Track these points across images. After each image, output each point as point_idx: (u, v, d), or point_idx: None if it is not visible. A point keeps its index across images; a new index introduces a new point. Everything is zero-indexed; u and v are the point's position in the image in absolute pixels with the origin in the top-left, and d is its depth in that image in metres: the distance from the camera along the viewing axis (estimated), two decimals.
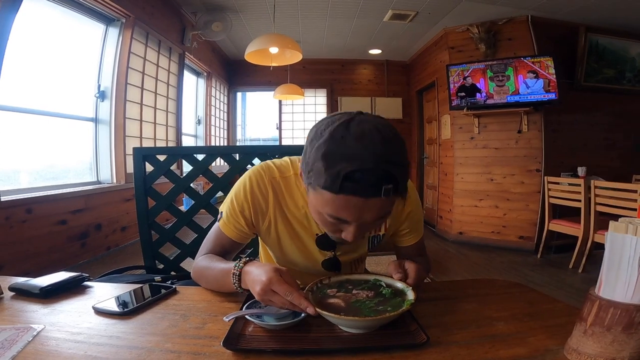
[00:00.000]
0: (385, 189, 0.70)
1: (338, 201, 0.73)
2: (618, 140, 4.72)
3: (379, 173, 0.70)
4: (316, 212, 0.82)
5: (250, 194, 0.95)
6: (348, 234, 0.79)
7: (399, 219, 1.04)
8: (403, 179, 0.74)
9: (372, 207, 0.73)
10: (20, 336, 0.67)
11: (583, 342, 0.59)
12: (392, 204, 0.78)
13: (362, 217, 0.75)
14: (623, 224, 0.55)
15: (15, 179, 2.88)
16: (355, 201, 0.72)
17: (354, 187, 0.70)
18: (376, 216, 0.76)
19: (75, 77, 3.47)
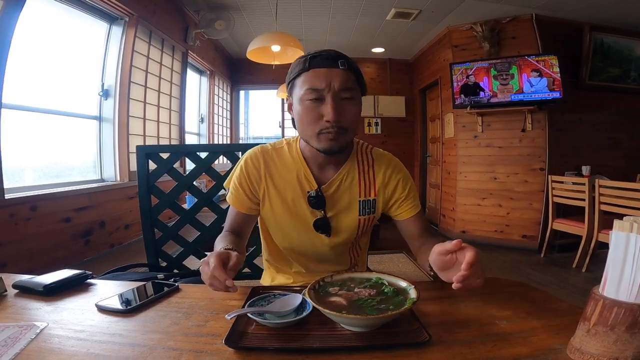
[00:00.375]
0: (340, 62, 0.98)
1: (311, 75, 0.98)
2: (623, 140, 4.69)
3: (333, 53, 1.00)
4: (301, 105, 1.00)
5: (245, 168, 1.11)
6: (328, 110, 0.96)
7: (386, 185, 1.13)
8: (354, 63, 1.02)
9: (336, 75, 0.97)
10: (23, 334, 0.67)
11: (586, 341, 0.59)
12: (351, 79, 0.99)
13: (330, 82, 0.96)
14: (627, 223, 0.55)
15: (20, 177, 2.90)
16: (322, 71, 0.97)
17: (318, 62, 0.98)
18: (341, 83, 0.97)
19: (79, 75, 3.48)
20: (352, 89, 0.99)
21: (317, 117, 0.98)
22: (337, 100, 0.97)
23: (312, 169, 1.10)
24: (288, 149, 1.13)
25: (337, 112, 0.96)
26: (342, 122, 0.97)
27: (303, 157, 1.11)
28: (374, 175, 1.13)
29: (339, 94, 0.97)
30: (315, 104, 0.97)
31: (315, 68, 0.98)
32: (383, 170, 1.13)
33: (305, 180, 1.09)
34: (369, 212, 1.13)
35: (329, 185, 1.10)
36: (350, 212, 1.12)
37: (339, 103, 0.97)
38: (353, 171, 1.12)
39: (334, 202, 1.10)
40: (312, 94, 0.97)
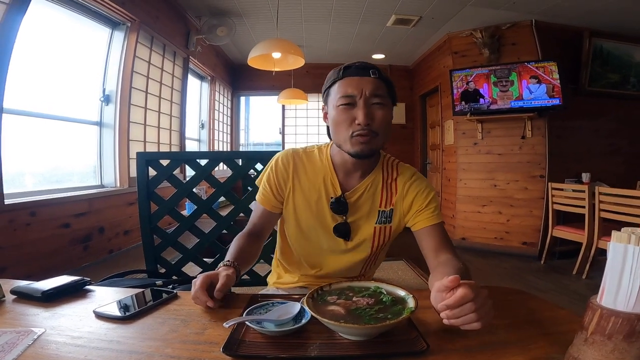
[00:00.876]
0: (372, 71, 1.05)
1: (344, 83, 1.05)
2: (623, 146, 4.69)
3: (365, 64, 1.07)
4: (335, 111, 1.06)
5: (275, 167, 1.17)
6: (359, 114, 1.02)
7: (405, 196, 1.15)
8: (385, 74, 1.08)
9: (367, 83, 1.03)
10: (20, 339, 0.67)
11: (584, 350, 0.58)
12: (382, 87, 1.05)
13: (362, 89, 1.03)
14: (625, 234, 0.55)
15: (19, 182, 2.90)
16: (354, 79, 1.04)
17: (351, 72, 1.06)
18: (372, 90, 1.03)
19: (81, 80, 3.49)
20: (382, 96, 1.05)
21: (350, 121, 1.04)
22: (368, 105, 1.03)
23: (339, 176, 1.15)
24: (318, 153, 1.20)
25: (368, 116, 1.02)
26: (372, 126, 1.03)
27: (332, 163, 1.16)
28: (395, 187, 1.16)
29: (370, 99, 1.03)
30: (348, 109, 1.04)
31: (348, 77, 1.05)
32: (404, 182, 1.16)
33: (331, 185, 1.15)
34: (385, 221, 1.15)
35: (352, 192, 1.14)
36: (368, 220, 1.15)
37: (370, 108, 1.03)
38: (377, 181, 1.16)
39: (356, 209, 1.14)
40: (345, 99, 1.04)
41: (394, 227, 1.16)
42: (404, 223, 1.17)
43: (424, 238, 1.12)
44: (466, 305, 0.67)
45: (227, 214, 1.66)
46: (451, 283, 0.69)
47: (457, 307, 0.67)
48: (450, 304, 0.67)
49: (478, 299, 0.67)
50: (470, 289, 0.67)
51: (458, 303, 0.67)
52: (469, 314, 0.67)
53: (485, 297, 0.69)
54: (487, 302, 0.69)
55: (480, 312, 0.67)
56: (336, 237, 1.15)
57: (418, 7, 4.35)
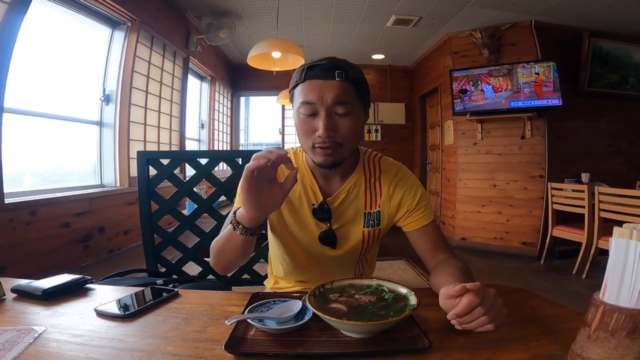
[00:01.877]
0: (337, 73, 0.92)
1: (305, 87, 0.94)
2: (623, 146, 4.69)
3: (332, 63, 0.94)
4: (296, 117, 0.98)
5: None
6: (320, 127, 0.92)
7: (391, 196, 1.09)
8: (354, 73, 0.95)
9: (330, 88, 0.92)
10: (21, 338, 0.67)
11: (587, 347, 0.59)
12: (348, 91, 0.94)
13: (323, 96, 0.92)
14: (627, 230, 0.55)
15: (19, 182, 2.90)
16: (316, 83, 0.93)
17: (314, 74, 0.93)
18: (335, 97, 0.92)
19: (81, 80, 3.49)
20: (348, 102, 0.94)
21: (311, 131, 0.95)
22: (330, 115, 0.93)
23: (319, 181, 1.08)
24: (294, 158, 1.11)
25: (329, 128, 0.92)
26: (335, 137, 0.94)
27: (309, 167, 1.09)
28: (380, 187, 1.09)
29: (332, 108, 0.93)
30: (309, 118, 0.95)
31: (310, 79, 0.94)
32: (389, 181, 1.09)
33: (312, 191, 1.07)
34: (374, 224, 1.09)
35: (335, 197, 1.07)
36: (355, 224, 1.09)
37: (331, 118, 0.93)
38: (360, 182, 1.09)
39: (340, 214, 1.08)
40: (305, 108, 0.94)
41: (382, 228, 1.11)
42: (392, 223, 1.12)
43: (419, 239, 1.08)
44: (475, 310, 0.66)
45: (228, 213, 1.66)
46: (457, 293, 0.67)
47: (465, 314, 0.66)
48: (458, 312, 0.66)
49: (486, 301, 0.66)
50: (476, 294, 0.66)
51: (466, 310, 0.66)
52: (479, 318, 0.66)
53: (493, 298, 0.68)
54: (496, 302, 0.68)
55: (491, 314, 0.66)
56: (322, 246, 1.09)
57: (418, 7, 4.35)
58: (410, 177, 1.12)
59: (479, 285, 0.67)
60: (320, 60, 0.96)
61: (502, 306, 0.69)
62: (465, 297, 0.66)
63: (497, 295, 0.69)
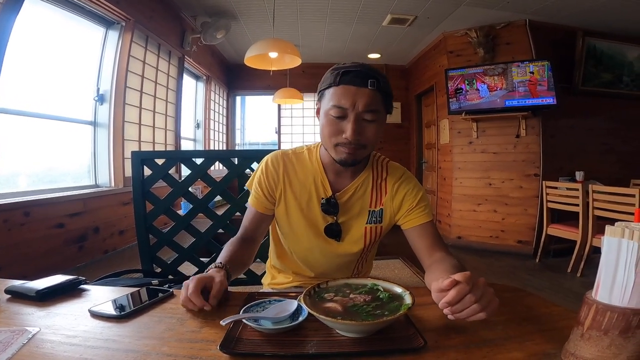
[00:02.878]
0: (370, 82, 0.98)
1: (339, 91, 0.99)
2: (616, 145, 4.73)
3: (365, 72, 0.99)
4: (325, 117, 1.03)
5: (265, 169, 1.16)
6: (348, 129, 0.98)
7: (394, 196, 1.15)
8: (384, 83, 1.01)
9: (363, 96, 0.97)
10: (15, 338, 0.67)
11: (580, 346, 0.59)
12: (377, 100, 1.00)
13: (355, 103, 0.97)
14: (619, 229, 0.55)
15: (13, 182, 2.88)
16: (350, 89, 0.98)
17: (349, 79, 0.98)
18: (366, 105, 0.98)
19: (75, 80, 3.47)
20: (376, 111, 1.00)
21: (338, 132, 1.01)
22: (359, 120, 0.99)
23: (329, 176, 1.15)
24: (308, 154, 1.18)
25: (357, 132, 0.99)
26: (361, 140, 1.01)
27: (322, 163, 1.15)
28: (385, 187, 1.16)
29: (362, 114, 0.99)
30: (338, 120, 1.00)
31: (344, 85, 0.99)
32: (393, 182, 1.16)
33: (322, 186, 1.14)
34: (376, 221, 1.15)
35: (343, 193, 1.13)
36: (359, 220, 1.15)
37: (360, 123, 0.99)
38: (367, 181, 1.15)
39: (346, 209, 1.14)
40: (337, 111, 0.99)
41: (384, 226, 1.17)
42: (394, 222, 1.17)
43: (416, 237, 1.12)
44: (466, 298, 0.68)
45: (223, 213, 1.66)
46: (448, 287, 0.69)
47: (457, 302, 0.68)
48: (449, 300, 0.68)
49: (476, 289, 0.68)
50: (466, 282, 0.68)
51: (457, 298, 0.68)
52: (470, 305, 0.68)
53: (483, 286, 0.70)
54: (487, 291, 0.70)
55: (482, 301, 0.68)
56: (327, 238, 1.15)
57: (413, 6, 4.35)
58: (413, 180, 1.18)
59: (469, 275, 0.70)
60: (354, 65, 1.01)
61: (493, 295, 0.70)
62: (454, 290, 0.68)
63: (487, 284, 0.70)
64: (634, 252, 0.53)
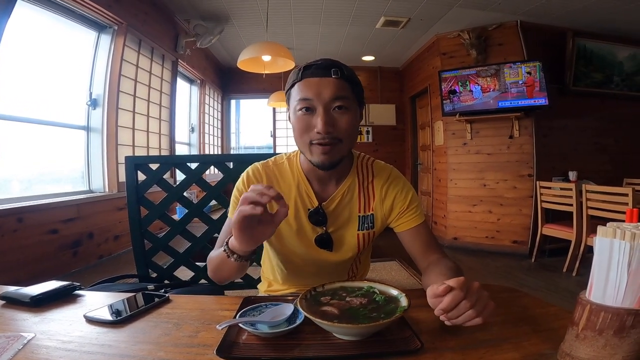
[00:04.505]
0: (333, 70, 0.95)
1: (302, 85, 0.96)
2: (609, 144, 4.77)
3: (327, 62, 0.98)
4: (294, 115, 1.00)
5: (247, 181, 1.10)
6: (318, 122, 0.94)
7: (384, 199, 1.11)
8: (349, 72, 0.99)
9: (327, 85, 0.95)
10: (10, 344, 0.66)
11: (576, 346, 0.59)
12: (344, 88, 0.97)
13: (321, 93, 0.94)
14: (611, 229, 0.56)
15: (5, 188, 2.85)
16: (314, 81, 0.95)
17: (311, 72, 0.96)
18: (333, 93, 0.94)
19: (67, 84, 3.45)
20: (345, 97, 0.96)
21: (309, 128, 0.96)
22: (328, 110, 0.95)
23: (313, 185, 1.09)
24: (289, 164, 1.13)
25: (328, 123, 0.94)
26: (334, 133, 0.95)
27: (303, 172, 1.10)
28: (373, 190, 1.11)
29: (330, 104, 0.95)
30: (306, 115, 0.96)
31: (307, 78, 0.96)
32: (381, 184, 1.11)
33: (307, 196, 1.09)
34: (368, 227, 1.11)
35: (330, 202, 1.09)
36: (349, 228, 1.11)
37: (329, 114, 0.95)
38: (353, 186, 1.11)
39: (335, 217, 1.09)
40: (303, 103, 0.96)
41: (377, 231, 1.14)
42: (385, 225, 1.14)
43: (410, 239, 1.10)
44: (461, 304, 0.67)
45: (219, 218, 1.65)
46: (442, 293, 0.68)
47: (452, 308, 0.67)
48: (444, 307, 0.67)
49: (471, 295, 0.67)
50: (460, 288, 0.67)
51: (452, 305, 0.67)
52: (466, 311, 0.67)
53: (477, 291, 0.68)
54: (482, 296, 0.69)
55: (478, 307, 0.67)
56: (319, 249, 1.10)
57: (407, 8, 4.38)
58: (401, 180, 1.14)
59: (463, 280, 0.68)
60: (314, 61, 0.99)
61: (489, 299, 0.69)
62: (449, 296, 0.67)
63: (481, 289, 0.69)
64: (626, 252, 0.54)
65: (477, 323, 0.67)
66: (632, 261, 0.54)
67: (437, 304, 0.69)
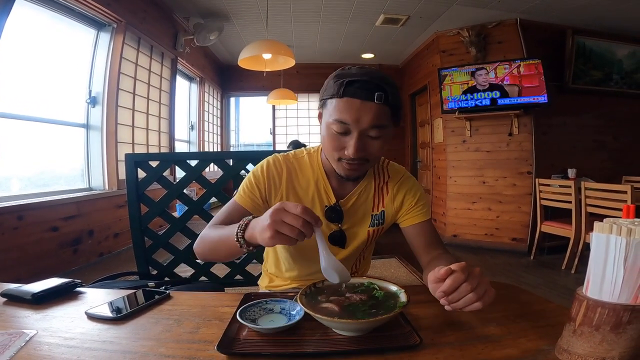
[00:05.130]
0: (377, 95, 0.89)
1: (342, 104, 0.91)
2: (607, 142, 4.78)
3: (373, 83, 0.90)
4: (327, 130, 0.97)
5: (266, 169, 1.09)
6: (350, 147, 0.92)
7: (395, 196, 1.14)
8: (393, 95, 0.93)
9: (368, 111, 0.90)
10: (12, 341, 0.67)
11: (573, 342, 0.60)
12: (384, 115, 0.92)
13: (360, 119, 0.90)
14: (607, 225, 0.56)
15: (5, 186, 2.86)
16: (355, 103, 0.89)
17: (354, 91, 0.89)
18: (371, 121, 0.90)
19: (66, 82, 3.45)
20: (383, 126, 0.93)
21: (339, 147, 0.96)
22: (362, 137, 0.93)
23: (332, 182, 1.11)
24: (309, 159, 1.13)
25: (360, 149, 0.93)
26: (364, 156, 0.96)
27: (324, 169, 1.11)
28: (387, 190, 1.15)
29: (366, 131, 0.92)
30: (340, 135, 0.94)
31: (348, 97, 0.90)
32: (393, 183, 1.15)
33: (324, 192, 1.10)
34: (378, 223, 1.14)
35: (347, 200, 1.11)
36: (362, 225, 1.14)
37: (363, 140, 0.94)
38: (370, 186, 1.14)
39: (350, 215, 1.12)
40: (339, 127, 0.93)
41: (385, 227, 1.17)
42: (394, 221, 1.17)
43: (414, 235, 1.13)
44: (462, 287, 0.68)
45: None
46: (444, 276, 0.69)
47: (453, 291, 0.68)
48: (445, 289, 0.68)
49: (472, 279, 0.68)
50: (462, 271, 0.68)
51: (453, 287, 0.68)
52: (466, 295, 0.68)
53: (479, 276, 0.69)
54: (483, 280, 0.69)
55: (478, 291, 0.68)
56: (331, 245, 1.11)
57: (406, 6, 4.37)
58: (412, 179, 1.18)
59: (464, 264, 0.69)
60: (360, 74, 0.92)
61: (489, 285, 0.70)
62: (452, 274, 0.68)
63: (482, 274, 0.70)
64: (622, 248, 0.54)
65: (477, 308, 0.68)
66: (628, 257, 0.54)
67: (438, 289, 0.70)
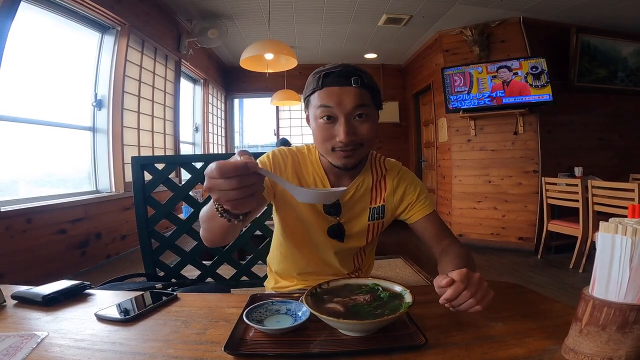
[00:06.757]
0: (353, 79, 0.96)
1: (323, 93, 0.98)
2: (614, 140, 4.74)
3: (347, 71, 0.98)
4: (315, 123, 1.02)
5: (272, 157, 1.13)
6: (340, 132, 0.97)
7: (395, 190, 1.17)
8: (369, 80, 1.00)
9: (348, 94, 0.96)
10: (24, 343, 0.68)
11: (579, 341, 0.59)
12: (365, 96, 0.98)
13: (342, 102, 0.96)
14: (613, 224, 0.56)
15: (13, 189, 2.89)
16: (334, 90, 0.97)
17: (331, 81, 0.97)
18: (353, 102, 0.96)
19: (72, 85, 3.48)
20: (365, 105, 0.99)
21: (330, 137, 1.00)
22: (349, 120, 0.98)
23: (329, 177, 1.14)
24: (308, 154, 1.18)
25: (349, 133, 0.97)
26: (355, 140, 0.99)
27: (321, 165, 1.15)
28: (385, 184, 1.18)
29: (351, 113, 0.98)
30: (328, 124, 0.99)
31: (327, 87, 0.98)
32: (392, 177, 1.18)
33: (322, 187, 1.14)
34: (378, 217, 1.17)
35: (345, 194, 1.13)
36: (360, 218, 1.16)
37: (351, 123, 0.98)
38: (367, 180, 1.16)
39: (348, 209, 1.14)
40: (325, 112, 0.98)
41: (386, 221, 1.20)
42: (395, 216, 1.20)
43: (423, 228, 1.16)
44: (462, 294, 0.72)
45: None
46: (446, 285, 0.74)
47: (454, 298, 0.73)
48: (447, 297, 0.73)
49: (472, 286, 0.73)
50: (462, 281, 0.73)
51: (454, 295, 0.72)
52: (467, 300, 0.72)
53: (478, 282, 0.74)
54: (482, 286, 0.74)
55: (477, 296, 0.72)
56: (330, 238, 1.15)
57: (408, 5, 4.37)
58: (410, 174, 1.22)
59: (464, 273, 0.74)
60: (334, 67, 1.00)
61: (488, 289, 0.74)
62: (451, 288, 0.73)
63: (482, 280, 0.75)
64: (628, 248, 0.54)
65: (477, 310, 0.72)
66: (634, 257, 0.54)
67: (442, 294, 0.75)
